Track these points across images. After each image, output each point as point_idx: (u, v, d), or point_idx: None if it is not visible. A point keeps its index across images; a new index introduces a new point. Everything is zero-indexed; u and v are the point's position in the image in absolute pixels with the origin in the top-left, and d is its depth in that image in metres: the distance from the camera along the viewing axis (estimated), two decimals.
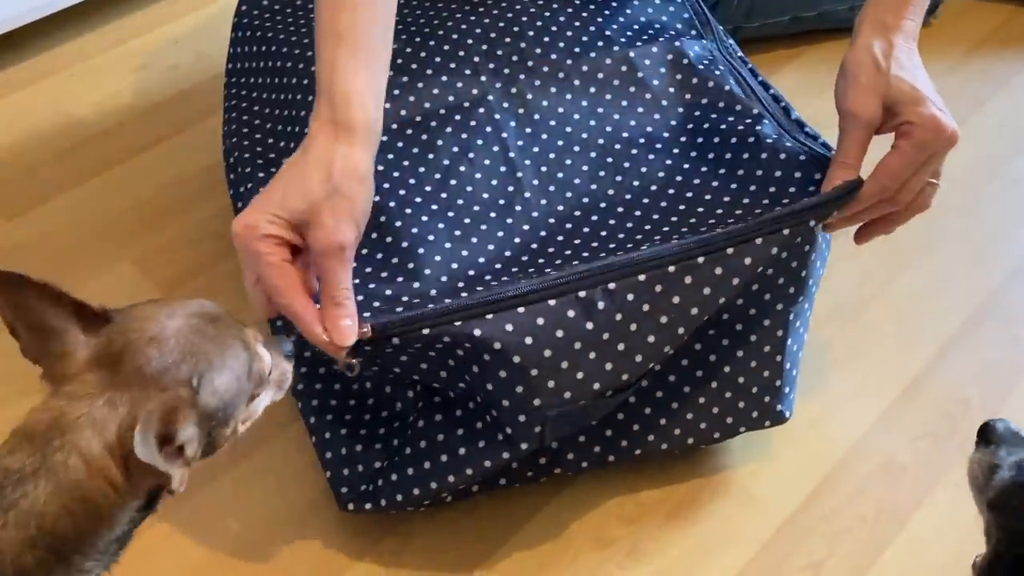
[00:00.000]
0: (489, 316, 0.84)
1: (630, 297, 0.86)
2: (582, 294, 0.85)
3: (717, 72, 1.06)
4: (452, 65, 1.06)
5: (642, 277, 0.86)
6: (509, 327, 0.84)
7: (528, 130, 1.03)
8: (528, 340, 0.84)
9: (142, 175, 1.33)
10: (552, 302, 0.84)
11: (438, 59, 1.07)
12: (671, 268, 0.86)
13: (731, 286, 0.88)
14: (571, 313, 0.85)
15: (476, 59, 1.07)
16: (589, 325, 0.85)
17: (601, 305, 0.85)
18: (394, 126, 1.03)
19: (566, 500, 1.01)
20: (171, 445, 0.61)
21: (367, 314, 0.84)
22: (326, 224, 0.76)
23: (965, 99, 1.45)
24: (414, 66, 1.06)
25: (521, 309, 0.84)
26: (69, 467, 0.58)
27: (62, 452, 0.58)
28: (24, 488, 0.58)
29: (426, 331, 0.84)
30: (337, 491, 0.96)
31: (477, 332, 0.84)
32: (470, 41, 1.08)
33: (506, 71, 1.06)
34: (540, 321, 0.84)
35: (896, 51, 0.87)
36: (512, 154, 1.01)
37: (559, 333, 0.84)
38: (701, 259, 0.86)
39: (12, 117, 1.41)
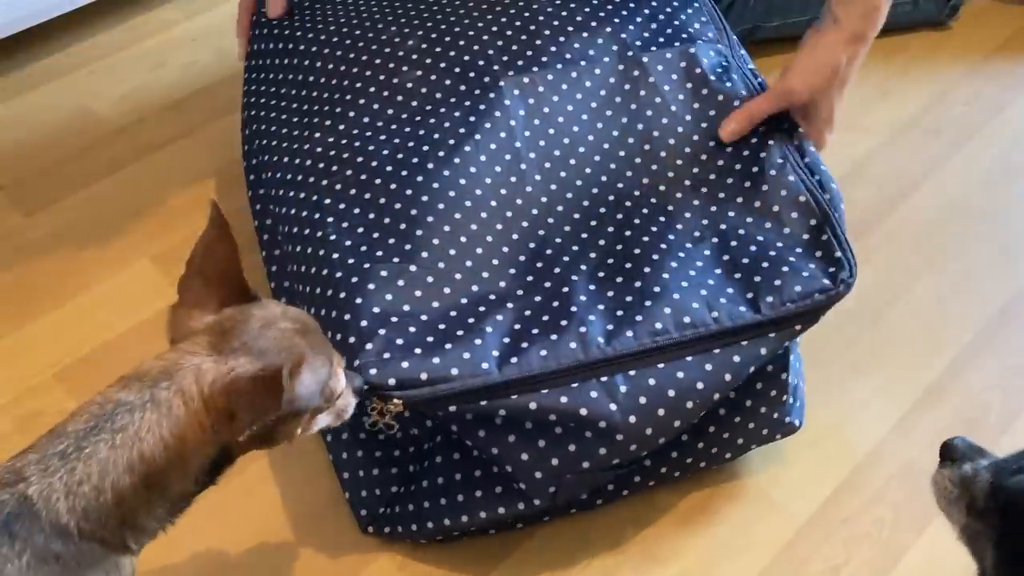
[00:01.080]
0: (514, 396, 0.86)
1: (651, 382, 0.88)
2: (603, 378, 0.87)
3: (729, 83, 1.06)
4: (466, 58, 1.07)
5: (661, 365, 0.88)
6: (533, 405, 0.86)
7: (536, 121, 1.03)
8: (552, 416, 0.87)
9: (161, 172, 1.33)
10: (574, 384, 0.87)
11: (452, 53, 1.07)
12: (689, 358, 0.89)
13: (747, 372, 0.91)
14: (593, 394, 0.87)
15: (490, 51, 1.07)
16: (613, 407, 0.87)
17: (624, 389, 0.87)
18: (404, 116, 1.03)
19: None
20: None
21: (389, 378, 0.86)
22: None
23: (985, 103, 1.44)
24: (428, 61, 1.07)
25: (545, 390, 0.86)
26: (172, 404, 0.68)
27: (168, 391, 0.68)
28: (132, 416, 0.67)
29: (452, 408, 0.86)
30: (357, 513, 0.98)
31: (503, 412, 0.86)
32: (486, 37, 1.08)
33: (519, 62, 1.06)
34: (564, 400, 0.86)
35: (852, 67, 1.00)
36: (518, 144, 1.01)
37: (583, 412, 0.86)
38: (717, 350, 0.89)
39: (31, 114, 1.42)
